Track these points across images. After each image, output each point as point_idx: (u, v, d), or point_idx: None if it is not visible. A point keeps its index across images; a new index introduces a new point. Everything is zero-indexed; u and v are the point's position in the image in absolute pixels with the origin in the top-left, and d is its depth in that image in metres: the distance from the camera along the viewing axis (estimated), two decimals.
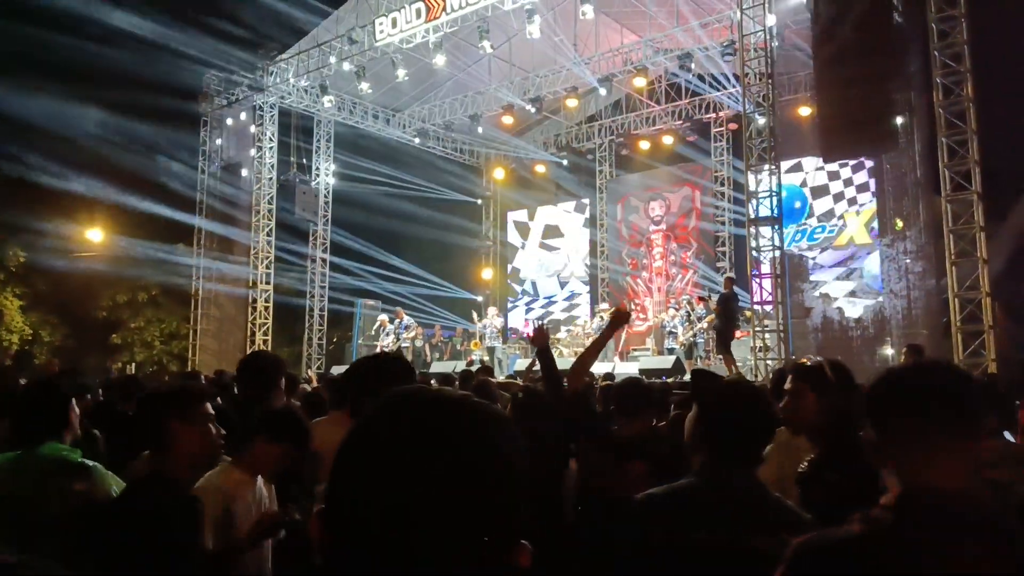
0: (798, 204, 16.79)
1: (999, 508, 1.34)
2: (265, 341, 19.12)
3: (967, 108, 11.19)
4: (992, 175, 11.71)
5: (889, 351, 14.33)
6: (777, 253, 13.02)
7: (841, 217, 16.60)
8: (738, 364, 14.75)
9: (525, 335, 20.45)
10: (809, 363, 2.67)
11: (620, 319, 3.76)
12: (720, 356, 13.53)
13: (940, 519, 1.27)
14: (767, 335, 13.00)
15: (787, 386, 2.65)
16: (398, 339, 17.17)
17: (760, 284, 13.22)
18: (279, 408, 2.89)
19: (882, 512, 1.33)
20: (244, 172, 19.68)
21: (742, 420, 2.03)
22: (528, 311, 23.73)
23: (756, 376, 12.35)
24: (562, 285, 23.42)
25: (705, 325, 14.62)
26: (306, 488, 3.10)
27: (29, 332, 23.60)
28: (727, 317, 13.02)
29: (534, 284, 23.98)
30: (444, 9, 15.39)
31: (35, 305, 24.02)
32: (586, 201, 23.19)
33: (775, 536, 1.86)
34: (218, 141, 20.03)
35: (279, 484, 2.93)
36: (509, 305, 24.17)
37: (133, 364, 24.86)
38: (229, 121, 19.71)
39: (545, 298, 23.65)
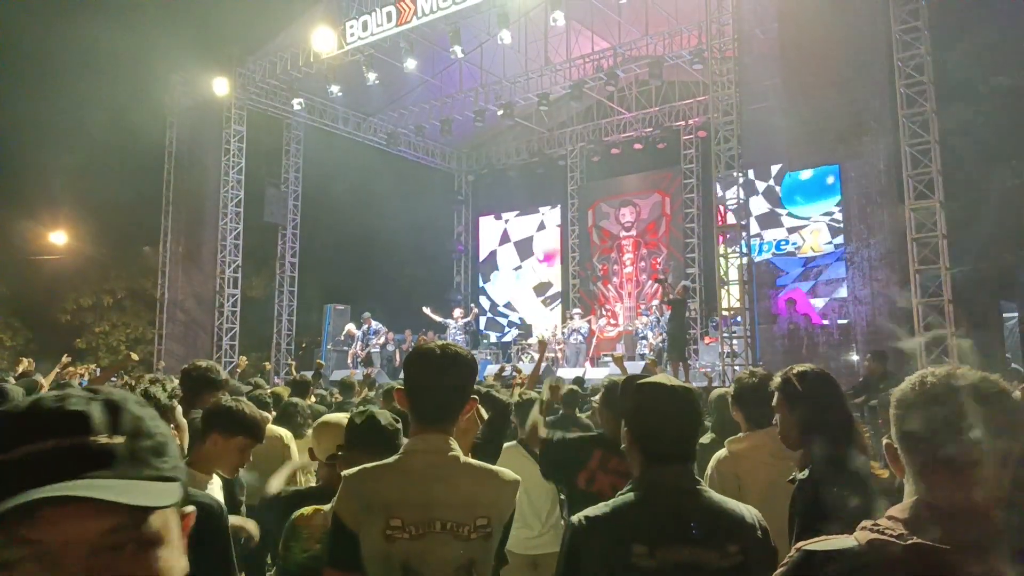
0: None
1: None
2: (232, 346, 18.90)
3: (930, 118, 11.36)
4: (954, 184, 11.91)
5: (855, 357, 14.50)
6: (745, 260, 13.15)
7: (797, 232, 16.75)
8: (705, 368, 14.88)
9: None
10: (780, 375, 2.66)
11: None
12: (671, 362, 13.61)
13: (954, 537, 1.23)
14: (735, 341, 13.11)
15: (772, 402, 2.65)
16: (366, 345, 17.05)
17: (728, 291, 13.34)
18: (225, 403, 2.83)
19: (891, 523, 1.30)
20: (211, 175, 19.42)
21: (668, 418, 2.03)
22: (507, 330, 23.74)
23: (724, 381, 12.44)
24: (534, 290, 23.45)
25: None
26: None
27: None
28: (677, 323, 13.13)
29: (508, 291, 23.99)
30: (415, 13, 15.36)
31: None
32: (557, 207, 23.23)
33: (719, 547, 1.92)
34: (185, 143, 19.77)
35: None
36: (483, 311, 24.15)
37: (98, 369, 24.39)
38: (196, 123, 19.45)
39: (509, 306, 23.68)
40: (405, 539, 1.96)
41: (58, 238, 23.98)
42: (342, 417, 3.21)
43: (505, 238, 24.33)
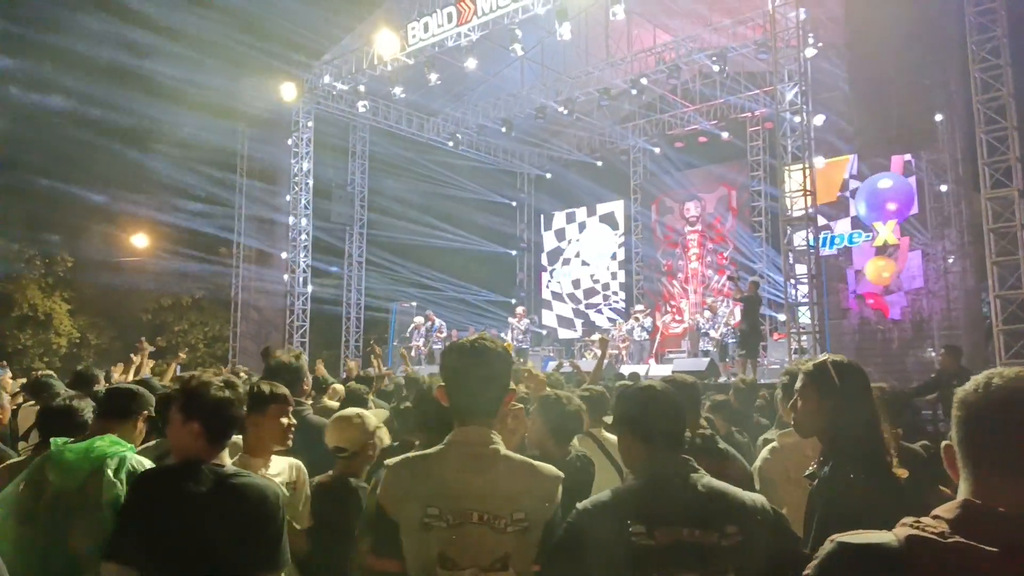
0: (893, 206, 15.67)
1: None
2: (303, 343, 19.39)
3: (1007, 103, 10.90)
4: None
5: (931, 352, 14.02)
6: (813, 254, 12.82)
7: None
8: (774, 365, 14.58)
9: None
10: (812, 362, 2.61)
11: None
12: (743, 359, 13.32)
13: (1004, 540, 1.19)
14: (803, 337, 12.80)
15: (796, 386, 2.61)
16: (428, 340, 17.30)
17: (796, 285, 13.03)
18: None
19: (935, 521, 1.26)
20: (281, 177, 20.02)
21: (660, 415, 2.14)
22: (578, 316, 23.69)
23: None
24: (598, 287, 23.37)
25: (731, 323, 14.46)
26: None
27: (77, 335, 24.25)
28: (750, 320, 12.80)
29: (572, 288, 23.97)
30: (475, 13, 15.46)
31: (82, 309, 24.66)
32: (620, 203, 23.07)
33: (719, 528, 1.96)
34: (256, 147, 20.40)
35: None
36: (547, 308, 24.22)
37: (178, 367, 25.30)
38: (265, 128, 20.02)
39: (582, 301, 23.64)
40: (442, 528, 2.00)
41: (140, 241, 25.01)
42: (354, 412, 3.33)
43: (568, 234, 24.31)
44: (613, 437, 4.56)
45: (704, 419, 4.57)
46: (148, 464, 2.87)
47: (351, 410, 3.36)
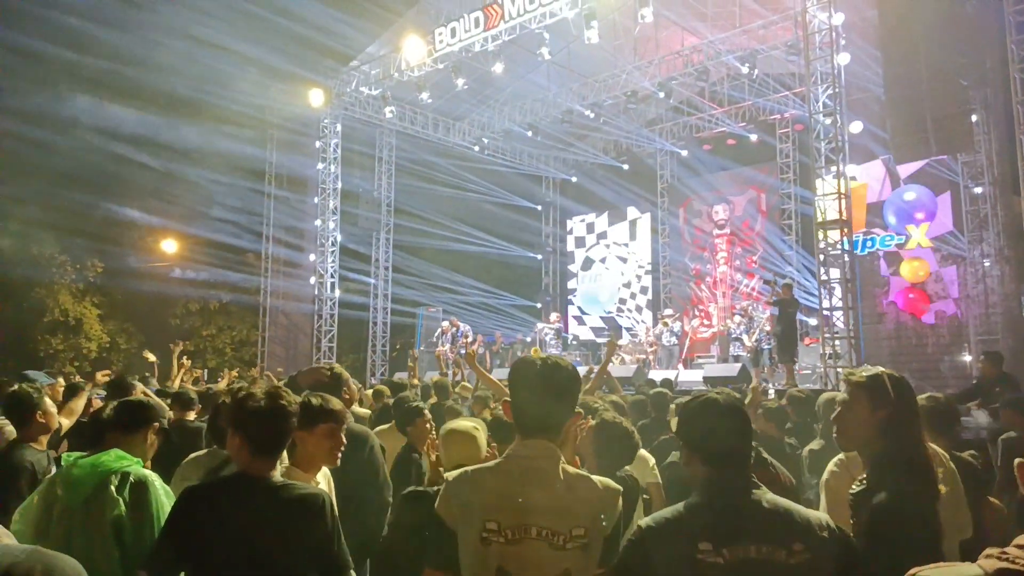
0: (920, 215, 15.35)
1: None
2: (331, 348, 19.47)
3: None
4: None
5: (967, 358, 13.76)
6: (847, 257, 12.61)
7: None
8: (806, 371, 14.38)
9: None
10: (865, 373, 2.52)
11: None
12: (781, 364, 13.11)
13: None
14: (837, 342, 12.59)
15: (841, 397, 2.52)
16: (454, 345, 17.31)
17: (830, 289, 12.82)
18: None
19: (1022, 552, 1.21)
20: (309, 183, 20.14)
21: (720, 428, 2.09)
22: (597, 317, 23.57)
23: (826, 384, 11.98)
24: (624, 291, 23.24)
25: (768, 328, 14.25)
26: None
27: (107, 340, 24.53)
28: (786, 323, 12.57)
29: (592, 292, 23.87)
30: (502, 17, 15.45)
31: (112, 314, 24.94)
32: (648, 206, 22.93)
33: (785, 545, 1.91)
34: (284, 153, 20.53)
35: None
36: (572, 312, 24.13)
37: (205, 370, 25.54)
38: (293, 134, 20.15)
39: (605, 307, 23.53)
40: (500, 543, 1.98)
41: (168, 246, 25.26)
42: (469, 425, 3.22)
43: (594, 239, 24.21)
44: None
45: None
46: (154, 477, 2.89)
47: (464, 423, 3.26)
